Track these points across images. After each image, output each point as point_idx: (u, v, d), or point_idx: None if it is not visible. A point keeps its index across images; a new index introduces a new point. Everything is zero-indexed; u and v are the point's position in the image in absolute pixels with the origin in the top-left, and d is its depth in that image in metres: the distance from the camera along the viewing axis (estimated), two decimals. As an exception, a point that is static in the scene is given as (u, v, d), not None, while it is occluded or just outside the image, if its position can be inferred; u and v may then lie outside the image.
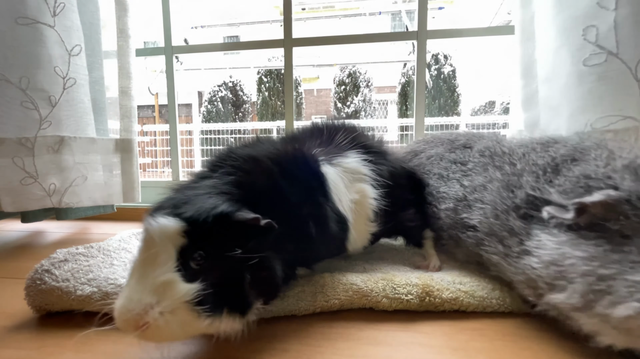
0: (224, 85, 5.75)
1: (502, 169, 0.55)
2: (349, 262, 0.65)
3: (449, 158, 0.70)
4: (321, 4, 7.75)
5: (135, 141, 1.11)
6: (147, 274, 0.37)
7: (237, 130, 4.97)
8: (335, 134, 0.66)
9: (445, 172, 0.68)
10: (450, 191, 0.63)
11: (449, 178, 0.66)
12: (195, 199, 0.40)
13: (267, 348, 0.43)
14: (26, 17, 0.84)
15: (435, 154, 0.75)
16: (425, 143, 0.83)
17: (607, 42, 0.67)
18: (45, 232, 1.08)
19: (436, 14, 7.24)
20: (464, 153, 0.68)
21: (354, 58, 5.94)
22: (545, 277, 0.42)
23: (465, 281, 0.54)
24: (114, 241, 0.68)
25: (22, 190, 0.87)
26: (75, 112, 0.93)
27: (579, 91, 0.72)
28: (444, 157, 0.72)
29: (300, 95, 5.76)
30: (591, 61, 0.70)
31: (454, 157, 0.70)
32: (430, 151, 0.77)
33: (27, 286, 0.51)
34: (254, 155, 0.50)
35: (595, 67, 0.69)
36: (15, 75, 0.84)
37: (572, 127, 0.74)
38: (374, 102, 5.90)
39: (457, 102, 5.40)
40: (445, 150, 0.74)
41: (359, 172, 0.61)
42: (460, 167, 0.65)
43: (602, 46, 0.68)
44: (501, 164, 0.56)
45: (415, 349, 0.43)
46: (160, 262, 0.37)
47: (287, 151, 0.54)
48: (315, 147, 0.61)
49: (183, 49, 1.35)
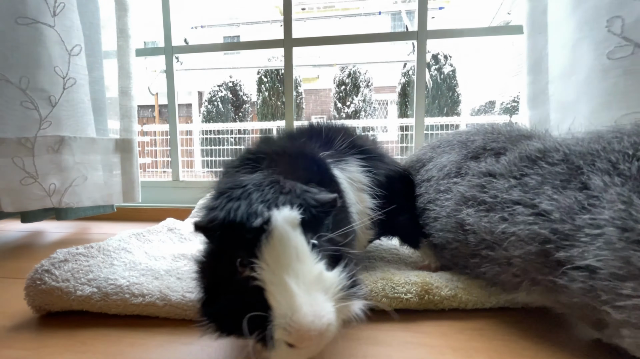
0: (224, 85, 5.74)
1: (612, 181, 0.37)
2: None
3: (478, 170, 0.51)
4: (321, 4, 7.75)
5: (135, 141, 1.11)
6: (299, 272, 0.32)
7: (237, 130, 4.96)
8: (335, 137, 0.63)
9: (485, 194, 0.47)
10: (522, 228, 0.42)
11: (500, 203, 0.45)
12: (296, 188, 0.37)
13: (267, 348, 0.43)
14: (26, 17, 0.84)
15: (449, 162, 0.58)
16: (431, 149, 0.68)
17: (635, 33, 0.63)
18: (45, 232, 1.08)
19: (436, 14, 7.24)
20: (503, 162, 0.49)
21: (354, 58, 5.93)
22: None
23: (463, 278, 0.55)
24: (114, 241, 0.68)
25: (22, 190, 0.87)
26: (75, 112, 0.93)
27: (601, 86, 0.69)
28: (469, 168, 0.53)
29: (300, 95, 5.75)
30: (616, 54, 0.66)
31: (486, 167, 0.51)
32: (439, 159, 0.61)
33: (27, 286, 0.51)
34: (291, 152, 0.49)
35: (620, 60, 0.65)
36: (15, 75, 0.84)
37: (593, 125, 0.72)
38: (374, 102, 5.89)
39: (457, 102, 5.39)
40: (462, 156, 0.57)
41: (359, 181, 0.59)
42: (511, 183, 0.46)
43: (629, 38, 0.64)
44: (608, 173, 0.38)
45: (415, 349, 0.43)
46: (302, 256, 0.33)
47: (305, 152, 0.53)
48: (317, 150, 0.58)
49: (183, 49, 1.35)
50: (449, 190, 0.54)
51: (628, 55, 0.65)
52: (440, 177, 0.58)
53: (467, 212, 0.49)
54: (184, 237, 0.83)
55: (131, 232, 0.76)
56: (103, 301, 0.50)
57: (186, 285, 0.53)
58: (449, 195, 0.53)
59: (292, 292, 0.31)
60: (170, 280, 0.55)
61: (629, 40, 0.64)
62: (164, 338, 0.46)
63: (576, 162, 0.42)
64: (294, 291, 0.31)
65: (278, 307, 0.31)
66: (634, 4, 0.63)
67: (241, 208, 0.34)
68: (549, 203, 0.40)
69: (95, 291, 0.50)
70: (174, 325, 0.49)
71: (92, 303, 0.50)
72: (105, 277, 0.53)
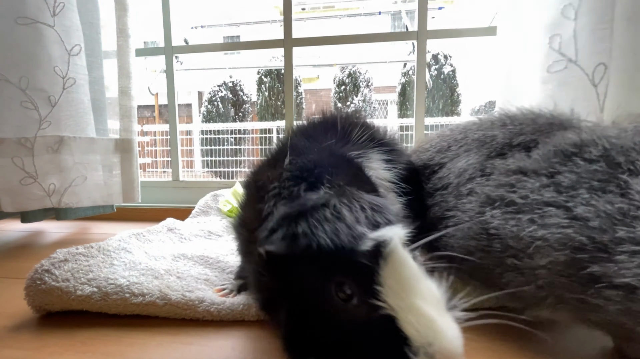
0: (224, 85, 5.74)
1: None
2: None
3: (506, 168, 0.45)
4: (321, 4, 7.75)
5: (135, 141, 1.10)
6: (423, 293, 0.30)
7: (237, 130, 4.96)
8: (351, 130, 0.57)
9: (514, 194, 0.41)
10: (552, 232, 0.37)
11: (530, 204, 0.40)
12: (382, 203, 0.36)
13: (268, 348, 0.43)
14: (26, 17, 0.84)
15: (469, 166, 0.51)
16: (439, 153, 0.59)
17: (568, 49, 0.71)
18: (45, 232, 1.08)
19: (436, 14, 7.24)
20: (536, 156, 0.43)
21: (354, 58, 5.93)
22: None
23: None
24: (114, 241, 0.68)
25: (21, 190, 0.87)
26: (75, 112, 0.93)
27: (541, 97, 0.76)
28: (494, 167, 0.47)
29: (300, 95, 5.75)
30: (554, 68, 0.74)
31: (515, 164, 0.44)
32: (455, 164, 0.54)
33: (27, 286, 0.51)
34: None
35: (556, 73, 0.73)
36: (15, 75, 0.84)
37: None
38: (373, 102, 5.89)
39: (457, 102, 5.39)
40: (484, 156, 0.50)
41: (385, 178, 0.54)
42: (543, 182, 0.40)
43: (564, 53, 0.72)
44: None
45: (415, 349, 0.43)
46: (418, 275, 0.31)
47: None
48: (344, 148, 0.53)
49: (183, 49, 1.35)
50: (472, 192, 0.47)
51: (562, 69, 0.73)
52: (461, 183, 0.50)
53: (493, 214, 0.42)
54: (184, 237, 0.83)
55: (131, 232, 0.76)
56: (103, 300, 0.50)
57: (186, 284, 0.53)
58: (474, 197, 0.46)
59: (429, 317, 0.29)
60: (170, 279, 0.55)
61: (564, 55, 0.72)
62: (164, 338, 0.46)
63: (617, 158, 0.37)
64: (431, 316, 0.29)
65: (418, 335, 0.28)
66: (569, 23, 0.71)
67: (342, 230, 0.31)
68: (586, 208, 0.35)
69: (95, 291, 0.50)
70: (174, 325, 0.49)
71: (92, 302, 0.50)
72: (105, 277, 0.53)
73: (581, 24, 0.69)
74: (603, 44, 0.67)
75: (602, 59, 0.67)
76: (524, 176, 0.42)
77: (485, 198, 0.44)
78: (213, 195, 1.12)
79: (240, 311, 0.49)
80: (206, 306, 0.49)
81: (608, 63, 0.67)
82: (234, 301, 0.50)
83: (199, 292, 0.52)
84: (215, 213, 1.06)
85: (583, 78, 0.70)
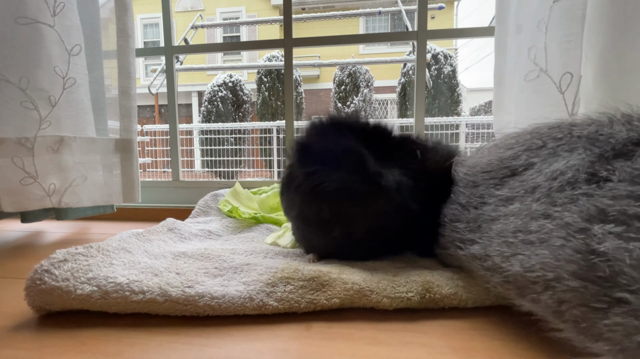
0: (224, 85, 5.73)
1: None
2: (351, 261, 0.65)
3: (637, 173, 0.34)
4: (321, 4, 7.74)
5: (135, 141, 1.11)
6: None
7: (237, 130, 4.95)
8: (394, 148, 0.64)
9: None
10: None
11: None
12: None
13: (266, 348, 0.43)
14: (26, 17, 0.84)
15: (569, 168, 0.40)
16: (527, 151, 0.47)
17: (540, 60, 0.79)
18: (45, 232, 1.08)
19: (436, 14, 7.23)
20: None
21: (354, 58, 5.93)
22: None
23: (463, 276, 0.55)
24: (114, 241, 0.68)
25: (21, 190, 0.87)
26: (75, 112, 0.93)
27: (521, 101, 0.84)
28: (613, 171, 0.36)
29: (301, 95, 5.75)
30: (529, 76, 0.81)
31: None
32: (549, 165, 0.43)
33: (27, 286, 0.51)
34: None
35: (531, 81, 0.81)
36: (15, 75, 0.84)
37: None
38: (374, 102, 5.89)
39: (457, 102, 5.39)
40: (595, 156, 0.38)
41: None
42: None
43: (537, 63, 0.79)
44: None
45: (415, 349, 0.43)
46: None
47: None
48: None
49: (183, 49, 1.35)
50: (573, 202, 0.36)
51: (535, 78, 0.80)
52: (555, 188, 0.39)
53: (604, 231, 0.32)
54: (184, 237, 0.83)
55: (131, 232, 0.76)
56: (103, 299, 0.50)
57: (185, 279, 0.53)
58: (576, 207, 0.36)
59: None
60: (169, 276, 0.55)
61: (537, 65, 0.79)
62: (164, 338, 0.46)
63: None
64: None
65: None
66: (541, 35, 0.78)
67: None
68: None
69: (95, 290, 0.50)
70: (174, 325, 0.49)
71: (92, 301, 0.50)
72: (105, 276, 0.53)
73: (550, 37, 0.77)
74: (568, 55, 0.75)
75: (568, 68, 0.75)
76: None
77: (595, 210, 0.34)
78: (213, 195, 1.12)
79: (241, 305, 0.49)
80: (207, 301, 0.49)
81: (575, 72, 0.74)
82: (234, 295, 0.50)
83: (198, 287, 0.52)
84: (215, 213, 1.06)
85: (552, 86, 0.78)
